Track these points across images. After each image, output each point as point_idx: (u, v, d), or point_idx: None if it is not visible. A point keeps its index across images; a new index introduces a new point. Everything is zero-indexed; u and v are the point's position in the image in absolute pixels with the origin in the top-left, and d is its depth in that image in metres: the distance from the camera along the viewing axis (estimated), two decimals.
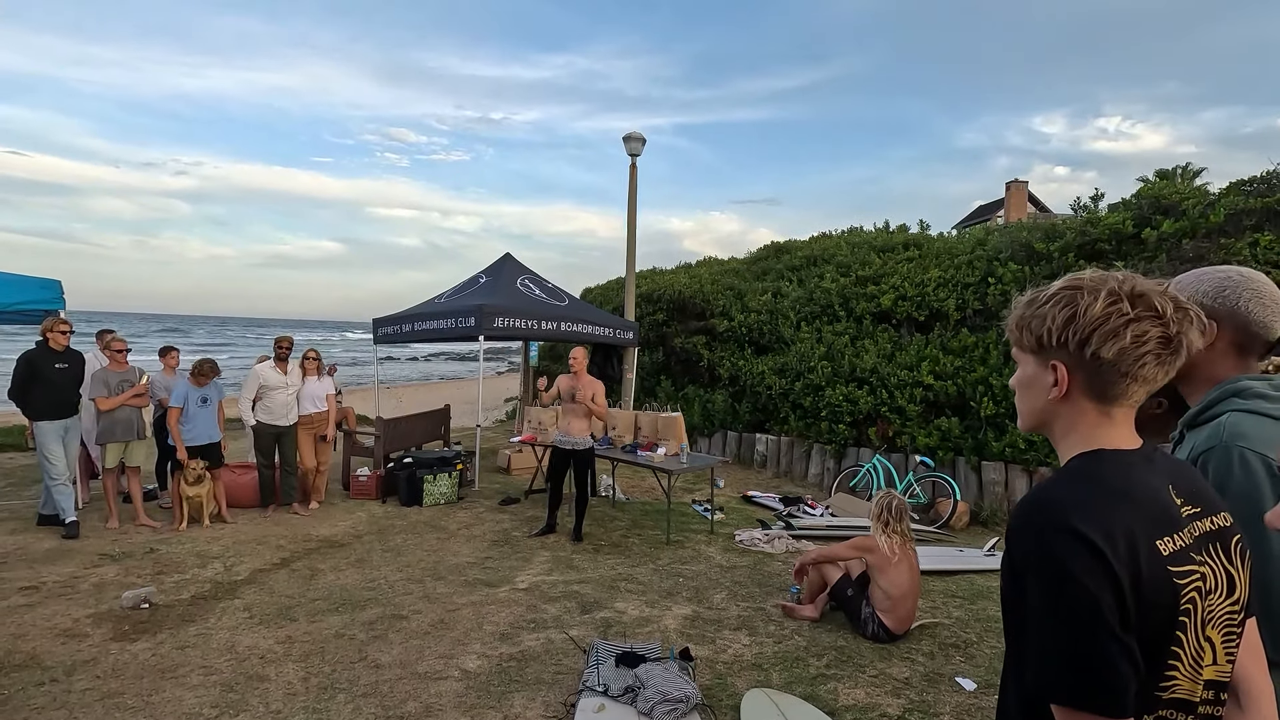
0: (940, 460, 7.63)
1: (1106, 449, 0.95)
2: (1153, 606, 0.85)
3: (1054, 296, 0.97)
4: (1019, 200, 29.57)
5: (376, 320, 9.56)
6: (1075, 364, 0.95)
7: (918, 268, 9.91)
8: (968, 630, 4.20)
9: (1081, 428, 0.98)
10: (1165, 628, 0.86)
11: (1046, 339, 0.96)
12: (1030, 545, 0.88)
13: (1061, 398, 0.97)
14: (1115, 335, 0.90)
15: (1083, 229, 8.30)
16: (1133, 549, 0.85)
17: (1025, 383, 1.03)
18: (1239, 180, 7.87)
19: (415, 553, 5.54)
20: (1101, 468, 0.94)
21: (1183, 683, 0.89)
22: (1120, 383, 0.93)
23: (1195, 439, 1.28)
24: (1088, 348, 0.92)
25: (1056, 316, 0.95)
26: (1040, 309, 0.98)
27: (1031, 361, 1.01)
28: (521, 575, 5.07)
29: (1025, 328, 1.00)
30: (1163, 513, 0.91)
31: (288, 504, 6.69)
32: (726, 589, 4.88)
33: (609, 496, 7.68)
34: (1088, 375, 0.94)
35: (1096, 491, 0.90)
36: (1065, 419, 0.99)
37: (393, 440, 7.98)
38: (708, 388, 11.04)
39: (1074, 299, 0.94)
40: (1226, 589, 0.93)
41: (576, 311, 9.35)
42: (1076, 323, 0.93)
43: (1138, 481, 0.93)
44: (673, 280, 13.39)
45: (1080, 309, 0.93)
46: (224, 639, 3.85)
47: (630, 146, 10.50)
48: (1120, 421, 0.97)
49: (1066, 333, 0.94)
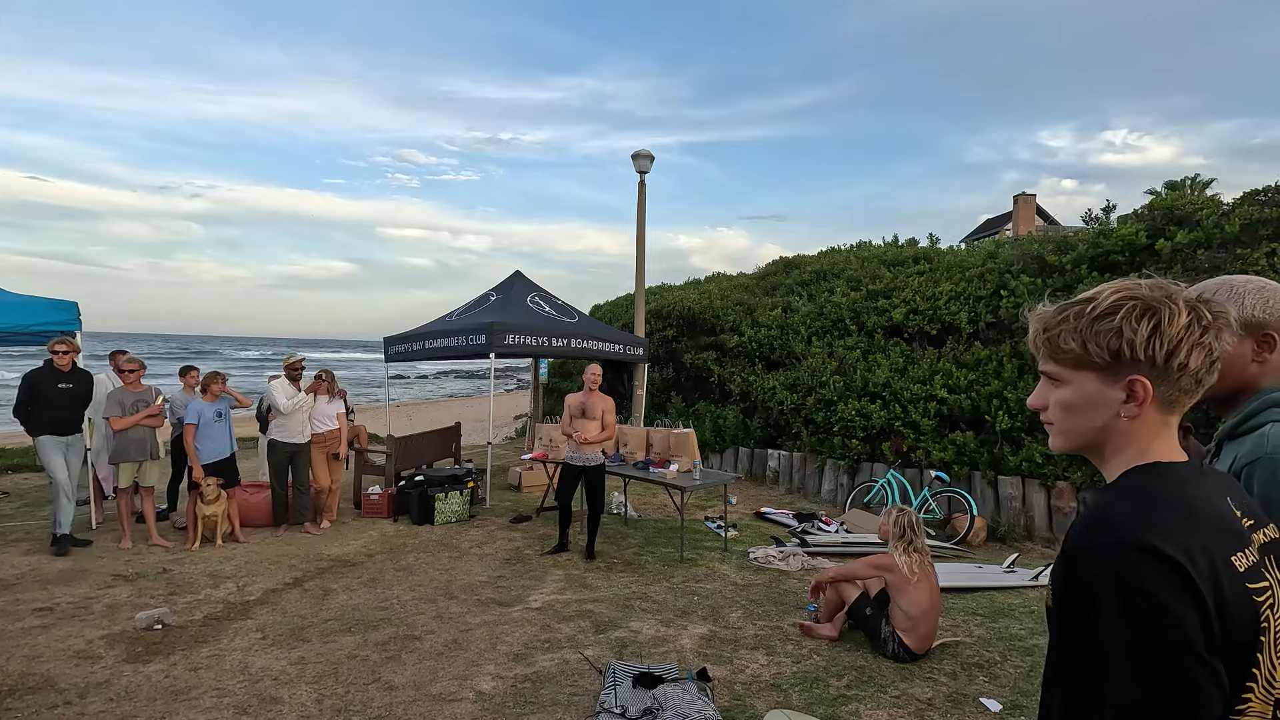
0: (955, 475, 7.54)
1: (1163, 461, 0.91)
2: (1234, 626, 0.80)
3: (1122, 308, 0.90)
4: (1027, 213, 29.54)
5: (388, 339, 9.61)
6: (1158, 377, 0.89)
7: (929, 281, 9.87)
8: (990, 649, 4.11)
9: (1143, 439, 0.92)
10: (1245, 648, 0.82)
11: (1128, 352, 0.89)
12: (1102, 568, 0.81)
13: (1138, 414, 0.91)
14: (1200, 344, 0.87)
15: (1095, 241, 8.25)
16: (1212, 566, 0.80)
17: (1081, 402, 0.94)
18: (1253, 190, 7.81)
19: (427, 572, 5.50)
20: (1161, 482, 0.89)
21: (1256, 704, 0.85)
22: (1194, 391, 0.90)
23: (1237, 450, 1.23)
24: (1175, 359, 0.87)
25: (1139, 329, 0.88)
26: (1107, 322, 0.90)
27: (1093, 379, 0.93)
28: (535, 594, 5.02)
29: (1092, 342, 0.91)
30: (1231, 526, 0.87)
31: (300, 523, 6.68)
32: (742, 607, 4.81)
33: (621, 514, 7.62)
34: (1167, 388, 0.90)
35: (1166, 506, 0.85)
36: (1125, 435, 0.92)
37: (404, 458, 7.97)
38: (719, 404, 10.99)
39: (1153, 309, 0.88)
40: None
41: (586, 328, 9.36)
42: (1163, 334, 0.87)
43: (1201, 495, 0.88)
44: (682, 296, 13.39)
45: (1164, 319, 0.87)
46: (237, 660, 3.82)
47: (639, 164, 10.56)
48: (1173, 431, 0.93)
49: (1151, 345, 0.87)
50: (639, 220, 10.93)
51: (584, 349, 9.05)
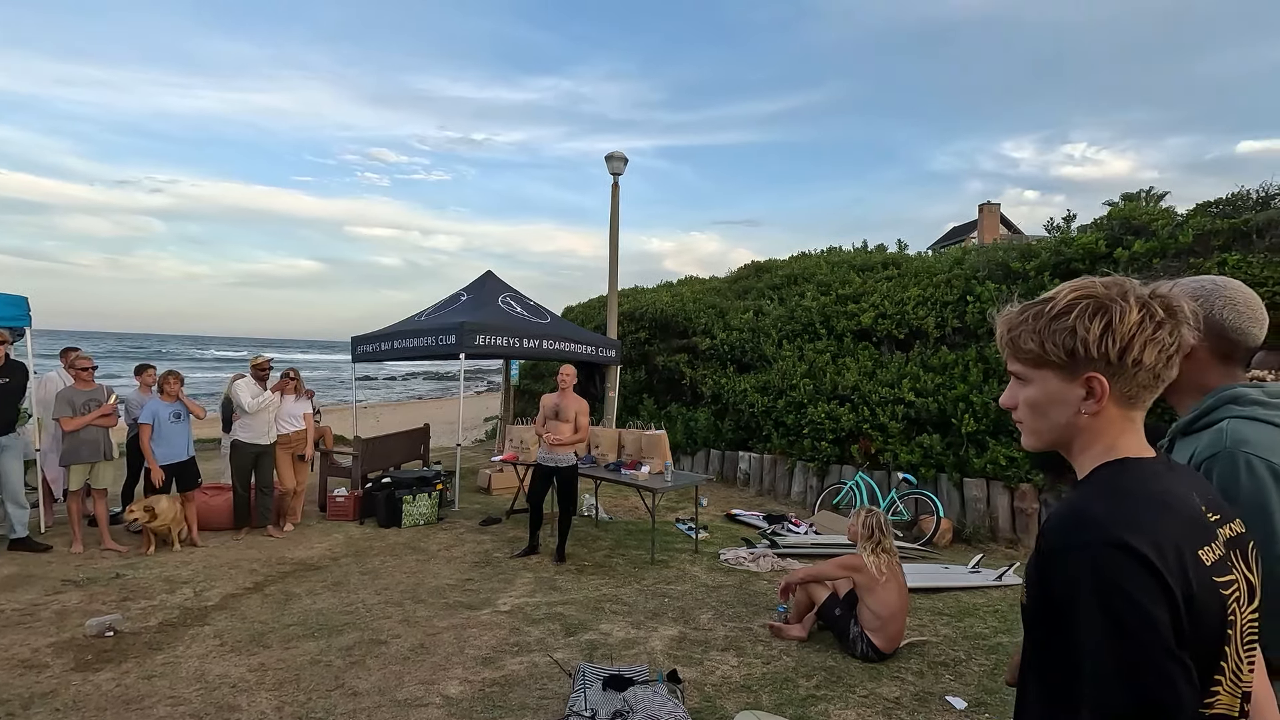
0: (922, 477, 7.65)
1: (1131, 457, 0.93)
2: (1203, 621, 0.81)
3: (1077, 307, 0.92)
4: (992, 222, 30.21)
5: (355, 339, 9.43)
6: (1113, 373, 0.91)
7: (897, 286, 10.02)
8: (956, 648, 4.17)
9: (1109, 436, 0.94)
10: (1214, 642, 0.84)
11: (1083, 350, 0.91)
12: (1076, 565, 0.82)
13: (1099, 411, 0.93)
14: (1153, 340, 0.88)
15: (1057, 249, 8.47)
16: (1181, 561, 0.81)
17: (1045, 400, 0.96)
18: (1205, 202, 8.10)
19: (394, 575, 5.40)
20: (1131, 478, 0.90)
21: (1224, 696, 0.86)
22: (1152, 386, 0.92)
23: (1194, 445, 1.27)
24: (1128, 355, 0.89)
25: (1091, 327, 0.90)
26: (1062, 321, 0.92)
27: (1053, 377, 0.95)
28: (504, 597, 4.96)
29: (1049, 341, 0.93)
30: (1198, 521, 0.89)
31: (262, 526, 6.50)
32: (713, 609, 4.81)
33: (592, 516, 7.58)
34: (1124, 384, 0.91)
35: (1137, 502, 0.86)
36: (1090, 431, 0.94)
37: (371, 460, 7.83)
38: (690, 406, 11.02)
39: (1104, 307, 0.90)
40: (1249, 597, 0.91)
41: (558, 330, 9.31)
42: (1115, 331, 0.89)
43: (1170, 490, 0.90)
44: (655, 299, 13.41)
45: (1115, 316, 0.89)
46: (193, 667, 3.70)
47: (612, 166, 10.54)
48: (1139, 426, 0.95)
49: (1104, 342, 0.89)
50: (612, 222, 10.90)
51: (556, 350, 9.00)
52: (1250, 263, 6.53)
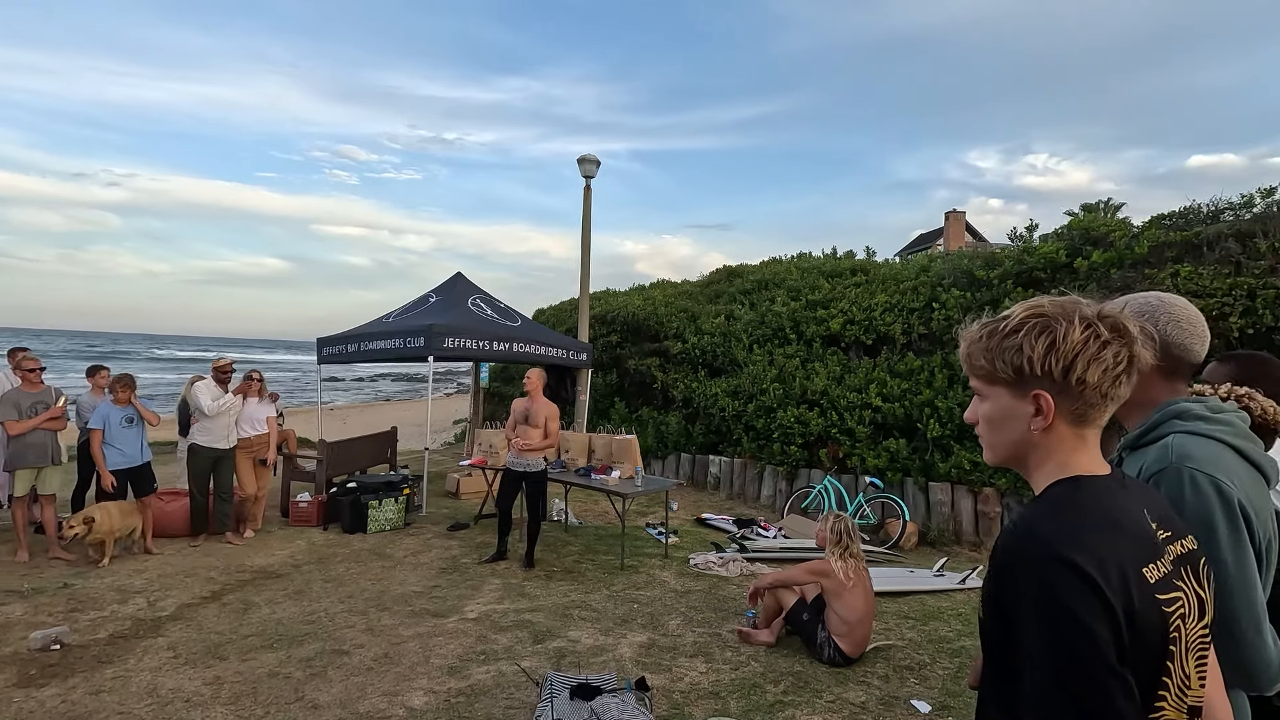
0: (889, 481, 7.76)
1: (1085, 475, 0.94)
2: (1145, 637, 0.83)
3: (1024, 326, 0.94)
4: (957, 229, 30.90)
5: (321, 340, 9.24)
6: (1059, 391, 0.93)
7: (865, 293, 10.17)
8: (921, 652, 4.23)
9: (1061, 454, 0.96)
10: (1157, 658, 0.85)
11: (1028, 368, 0.93)
12: (1022, 580, 0.84)
13: (1047, 427, 0.95)
14: (1097, 359, 0.90)
15: (1020, 258, 8.68)
16: (1124, 578, 0.83)
17: (999, 416, 0.99)
18: (1159, 215, 8.37)
19: (358, 582, 5.29)
20: (1083, 494, 0.92)
21: (1169, 711, 0.87)
22: (1100, 405, 0.93)
23: (1142, 460, 1.29)
24: (1072, 374, 0.91)
25: (1036, 346, 0.92)
26: (1010, 339, 0.95)
27: (1005, 394, 0.98)
28: (471, 604, 4.89)
29: (998, 359, 0.96)
30: (1146, 538, 0.90)
31: (220, 533, 6.32)
32: (682, 614, 4.80)
33: (562, 521, 7.53)
34: (1071, 401, 0.93)
35: (1083, 520, 0.88)
36: (1043, 448, 0.97)
37: (336, 464, 7.67)
38: (661, 410, 11.03)
39: (1049, 326, 0.92)
40: (1199, 613, 0.93)
41: (529, 332, 9.25)
42: (1059, 349, 0.91)
43: (1120, 507, 0.92)
44: (626, 302, 13.40)
45: (1059, 335, 0.91)
46: (145, 681, 3.57)
47: (585, 169, 10.52)
48: (1092, 445, 0.97)
49: (1048, 360, 0.92)
50: (584, 225, 10.87)
51: (526, 353, 8.93)
52: (1201, 274, 6.76)
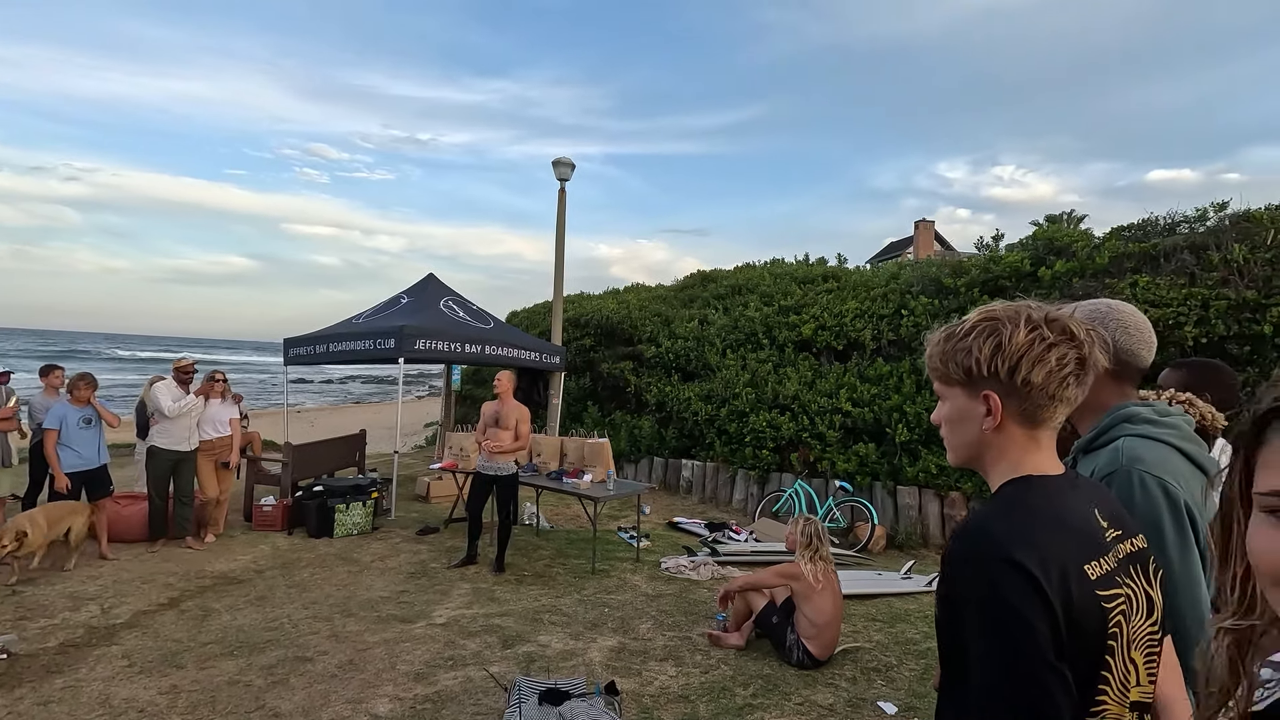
0: (858, 485, 7.86)
1: (1035, 475, 0.97)
2: (1083, 632, 0.85)
3: (975, 329, 0.98)
4: (926, 238, 31.44)
5: (288, 340, 9.06)
6: (1006, 391, 0.96)
7: (836, 299, 10.29)
8: (888, 654, 4.28)
9: (1011, 454, 0.99)
10: (1095, 652, 0.87)
11: (976, 369, 0.97)
12: (968, 577, 0.87)
13: (995, 427, 0.98)
14: (1041, 360, 0.93)
15: (986, 266, 8.87)
16: (1064, 576, 0.85)
17: (956, 417, 1.02)
18: (1119, 226, 8.63)
19: (323, 588, 5.19)
20: (1033, 494, 0.95)
21: (1111, 707, 0.90)
22: (1048, 406, 0.96)
23: (1094, 463, 1.33)
24: (1017, 374, 0.94)
25: (983, 347, 0.96)
26: (963, 342, 0.98)
27: (960, 394, 1.01)
28: (439, 609, 4.82)
29: (950, 361, 1.00)
30: (1091, 537, 0.93)
31: (180, 537, 6.15)
32: (652, 618, 4.80)
33: (533, 525, 7.48)
34: (1018, 401, 0.96)
35: (1031, 519, 0.90)
36: (997, 448, 1.00)
37: (302, 467, 7.52)
38: (635, 414, 11.02)
39: (996, 329, 0.96)
40: (1146, 610, 0.95)
41: (502, 335, 9.18)
42: (1003, 351, 0.94)
43: (1067, 506, 0.94)
44: (600, 305, 13.38)
45: (1005, 337, 0.94)
46: (97, 691, 3.45)
47: (559, 171, 10.49)
48: (1045, 446, 1.00)
49: (995, 362, 0.95)
50: (559, 228, 10.84)
51: (499, 356, 8.86)
52: (1158, 285, 6.98)
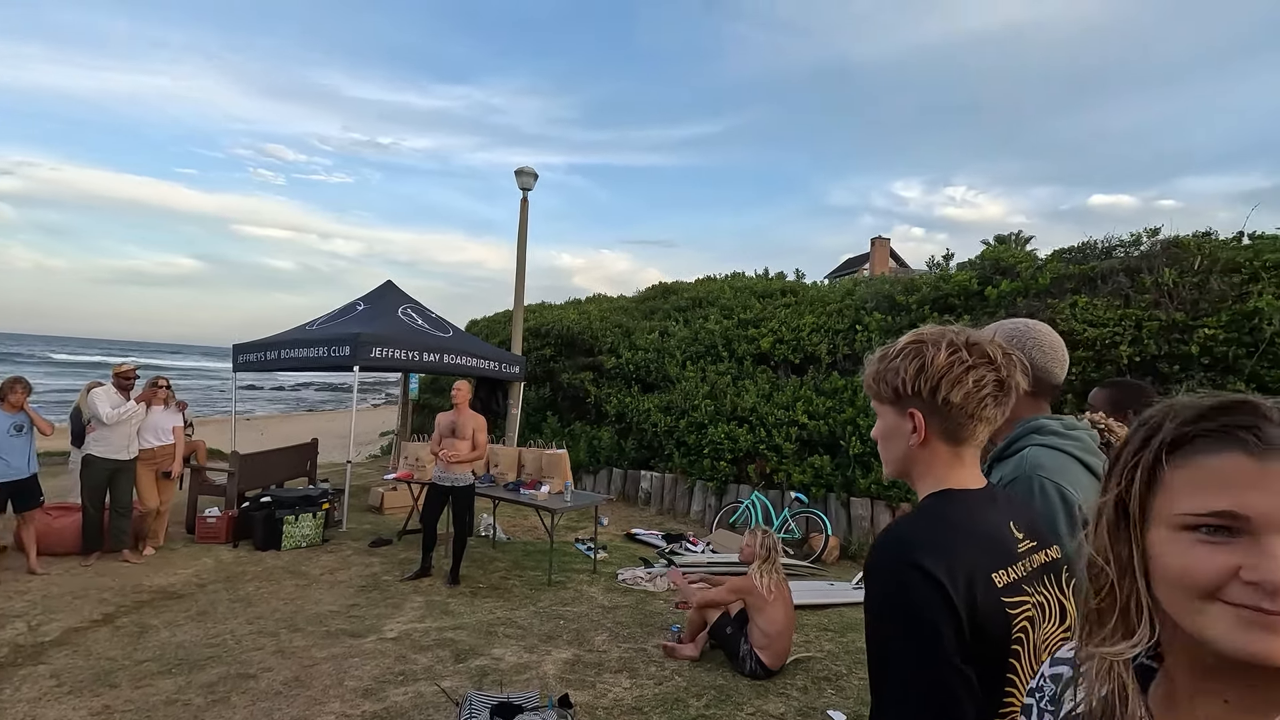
0: (813, 496, 7.99)
1: (956, 489, 1.03)
2: (988, 636, 0.91)
3: (903, 350, 1.05)
4: (882, 255, 32.28)
5: (238, 346, 8.81)
6: (929, 410, 1.02)
7: (794, 313, 10.49)
8: (839, 663, 4.36)
9: (936, 469, 1.05)
10: (1000, 656, 0.93)
11: (902, 389, 1.04)
12: (883, 581, 0.93)
13: (920, 443, 1.04)
14: (959, 381, 1.00)
15: (936, 285, 9.16)
16: (971, 583, 0.90)
17: (887, 433, 1.09)
18: (1061, 249, 9.01)
19: (269, 602, 5.04)
20: (950, 506, 1.01)
21: (1019, 708, 0.95)
22: (968, 424, 1.02)
23: (1003, 471, 1.43)
24: (938, 394, 1.00)
25: (908, 368, 1.03)
26: (892, 363, 1.05)
27: (890, 412, 1.08)
28: (391, 623, 4.73)
29: (881, 380, 1.07)
30: (1001, 547, 0.99)
31: (117, 550, 5.89)
32: (608, 630, 4.80)
33: (489, 536, 7.39)
34: (940, 420, 1.02)
35: (943, 529, 0.97)
36: (923, 463, 1.06)
37: (249, 477, 7.30)
38: (594, 424, 11.01)
39: (921, 351, 1.02)
40: (1059, 617, 1.02)
41: (461, 344, 9.09)
42: (926, 372, 1.01)
43: (981, 518, 1.01)
44: (562, 315, 13.37)
45: (928, 359, 1.01)
46: (21, 713, 3.29)
47: (522, 181, 10.48)
48: (969, 462, 1.06)
49: (919, 382, 1.02)
50: (520, 237, 10.81)
51: (457, 365, 8.77)
52: (1095, 305, 7.31)
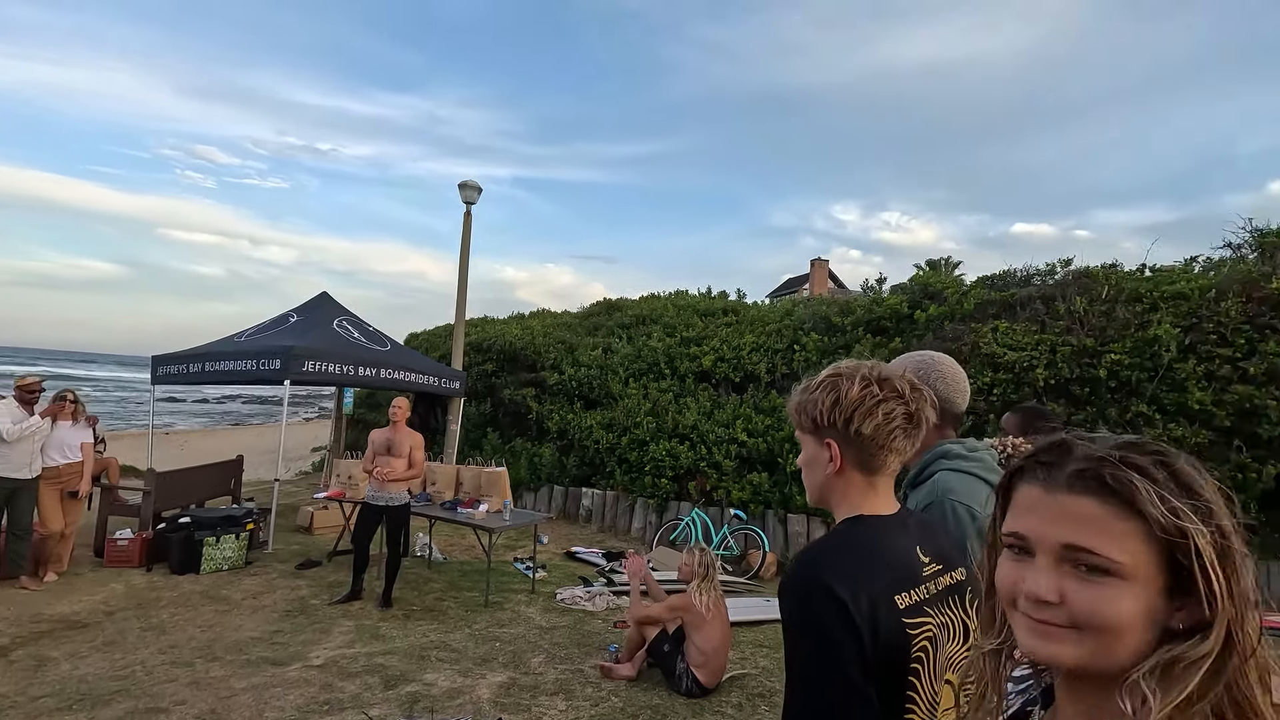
0: (752, 513, 8.11)
1: (868, 514, 1.10)
2: (888, 655, 0.96)
3: (821, 383, 1.12)
4: (821, 276, 33.30)
5: (158, 358, 8.37)
6: (844, 441, 1.09)
7: (735, 332, 10.71)
8: (773, 679, 4.43)
9: (852, 496, 1.12)
10: (900, 675, 0.98)
11: (820, 420, 1.10)
12: (793, 601, 0.98)
13: (837, 471, 1.10)
14: (870, 414, 1.06)
15: (870, 308, 9.52)
16: (873, 604, 0.96)
17: (808, 461, 1.15)
18: (984, 276, 9.52)
19: (185, 630, 4.78)
20: (861, 531, 1.07)
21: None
22: (879, 455, 1.09)
23: (917, 497, 1.52)
24: (851, 425, 1.07)
25: (825, 400, 1.09)
26: (812, 395, 1.12)
27: (810, 441, 1.14)
28: (317, 649, 4.55)
29: (802, 411, 1.13)
30: (906, 570, 1.06)
31: (14, 576, 5.48)
32: (545, 651, 4.74)
33: (425, 556, 7.21)
34: (854, 450, 1.09)
35: (851, 553, 1.03)
36: (840, 490, 1.12)
37: (167, 496, 6.93)
38: (536, 441, 10.91)
39: (837, 384, 1.09)
40: (962, 637, 1.08)
41: (399, 358, 8.89)
42: (840, 405, 1.08)
43: (890, 543, 1.07)
44: (504, 330, 13.24)
45: (842, 393, 1.08)
46: None
47: (465, 194, 10.38)
48: (882, 490, 1.13)
49: (834, 414, 1.08)
50: (463, 251, 10.69)
51: (395, 380, 8.56)
52: (1015, 330, 7.74)
